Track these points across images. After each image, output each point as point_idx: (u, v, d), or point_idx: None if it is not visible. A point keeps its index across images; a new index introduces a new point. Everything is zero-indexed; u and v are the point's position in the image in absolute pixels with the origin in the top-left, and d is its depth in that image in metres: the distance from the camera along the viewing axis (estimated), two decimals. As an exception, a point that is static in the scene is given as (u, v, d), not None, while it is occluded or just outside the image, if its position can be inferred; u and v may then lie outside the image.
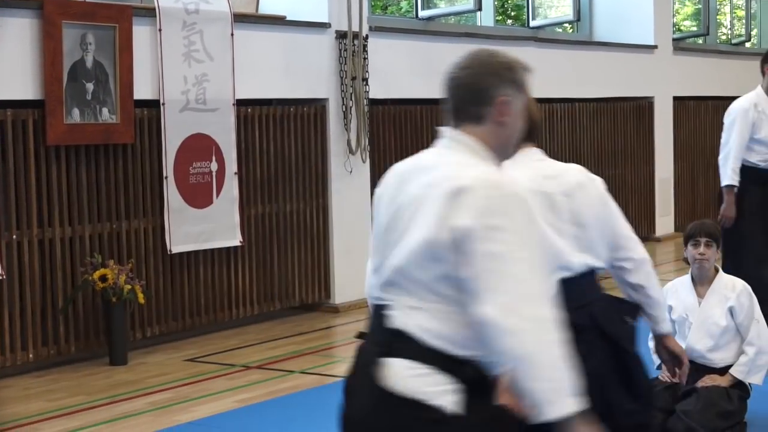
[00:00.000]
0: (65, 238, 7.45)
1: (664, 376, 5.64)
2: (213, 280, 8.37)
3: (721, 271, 5.72)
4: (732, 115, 7.56)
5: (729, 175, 7.46)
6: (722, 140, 7.60)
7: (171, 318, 8.11)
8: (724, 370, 5.56)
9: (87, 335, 7.56)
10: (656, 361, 5.81)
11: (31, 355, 7.28)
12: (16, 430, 5.99)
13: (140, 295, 7.48)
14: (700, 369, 5.59)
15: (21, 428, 6.02)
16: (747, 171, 7.49)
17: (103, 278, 7.34)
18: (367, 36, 9.31)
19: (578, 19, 12.58)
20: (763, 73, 7.58)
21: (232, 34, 8.28)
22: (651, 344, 5.86)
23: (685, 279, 5.76)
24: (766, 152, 7.56)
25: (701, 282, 5.69)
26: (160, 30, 7.82)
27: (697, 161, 14.21)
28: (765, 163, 7.56)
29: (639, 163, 13.12)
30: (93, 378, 7.15)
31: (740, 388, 5.53)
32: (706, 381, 5.51)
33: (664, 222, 13.53)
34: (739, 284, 5.63)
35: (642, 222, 13.13)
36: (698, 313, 5.62)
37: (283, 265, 8.89)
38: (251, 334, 8.39)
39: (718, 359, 5.60)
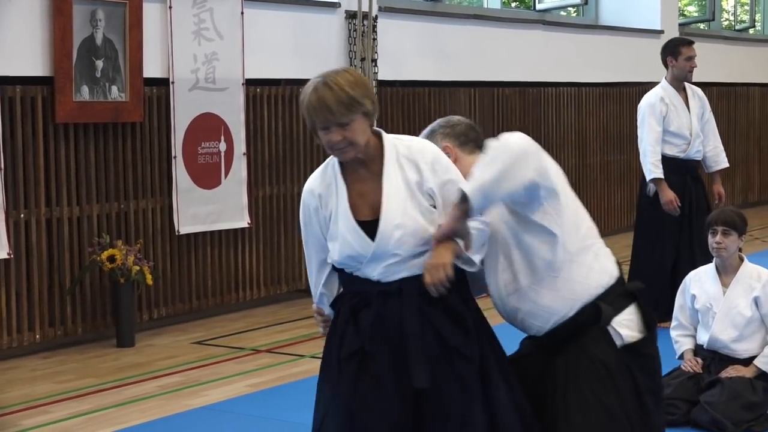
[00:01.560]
0: (73, 218, 7.34)
1: (686, 366, 5.57)
2: (220, 262, 8.27)
3: (746, 260, 5.64)
4: (641, 112, 7.66)
5: (651, 169, 7.53)
6: (639, 136, 7.71)
7: (178, 300, 8.01)
8: (748, 361, 5.49)
9: (94, 316, 7.46)
10: (678, 351, 5.75)
11: (37, 336, 7.17)
12: (26, 413, 5.88)
13: (148, 277, 7.38)
14: (723, 359, 5.53)
15: (31, 410, 5.92)
16: (666, 162, 7.55)
17: (111, 259, 7.24)
18: (376, 16, 9.20)
19: (585, 3, 12.46)
20: (666, 65, 7.81)
21: (242, 13, 8.16)
22: (673, 334, 5.81)
23: (709, 268, 5.68)
24: (682, 143, 7.64)
25: (725, 271, 5.61)
26: (170, 7, 7.69)
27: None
28: (683, 154, 7.64)
29: (644, 148, 13.01)
30: (101, 360, 7.05)
31: (765, 379, 5.45)
32: (730, 372, 5.44)
33: (668, 208, 13.44)
34: (765, 274, 5.55)
35: (646, 208, 13.04)
36: (722, 303, 5.54)
37: (290, 247, 8.79)
38: (258, 317, 8.30)
39: (742, 350, 5.52)
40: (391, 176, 3.34)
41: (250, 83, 8.31)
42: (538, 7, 12.39)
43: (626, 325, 3.45)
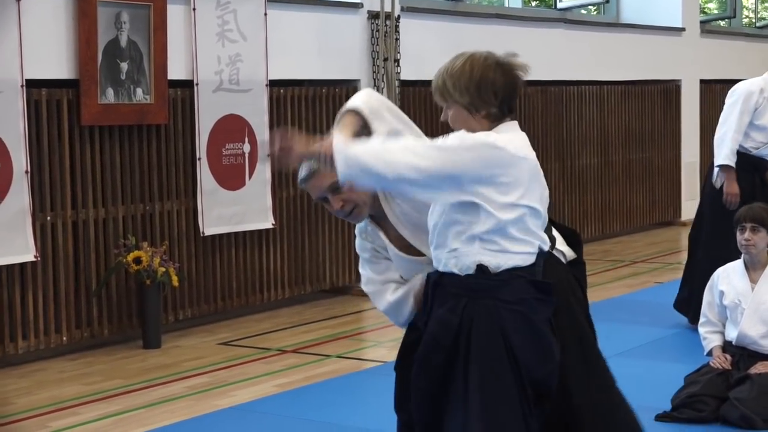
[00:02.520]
0: (98, 220, 7.37)
1: (715, 363, 5.55)
2: (245, 262, 8.28)
3: (774, 256, 5.62)
4: (735, 96, 7.36)
5: (726, 155, 7.21)
6: (720, 119, 7.42)
7: (203, 301, 8.03)
8: (777, 357, 5.48)
9: (120, 318, 7.49)
10: (706, 347, 5.73)
11: (64, 338, 7.20)
12: (55, 414, 5.91)
13: (174, 278, 7.40)
14: (752, 355, 5.52)
15: (60, 412, 5.95)
16: (738, 156, 7.25)
17: (138, 260, 7.26)
18: (399, 16, 9.20)
19: (607, 1, 12.44)
20: None
21: (265, 14, 8.17)
22: (701, 330, 5.79)
23: (738, 264, 5.67)
24: (762, 139, 7.33)
25: (754, 267, 5.60)
26: (194, 9, 7.71)
27: (723, 145, 14.05)
28: (757, 151, 7.34)
29: (666, 146, 13.00)
30: (128, 361, 7.07)
31: (794, 375, 5.43)
32: (759, 368, 5.42)
33: (690, 206, 13.38)
34: (794, 270, 5.53)
35: (668, 206, 13.03)
36: (751, 298, 5.53)
37: (314, 248, 8.80)
38: (283, 318, 8.31)
39: (771, 346, 5.51)
40: None
41: (273, 84, 8.33)
42: (559, 5, 12.38)
43: None
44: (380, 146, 3.29)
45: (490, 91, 3.37)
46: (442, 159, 3.25)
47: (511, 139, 3.37)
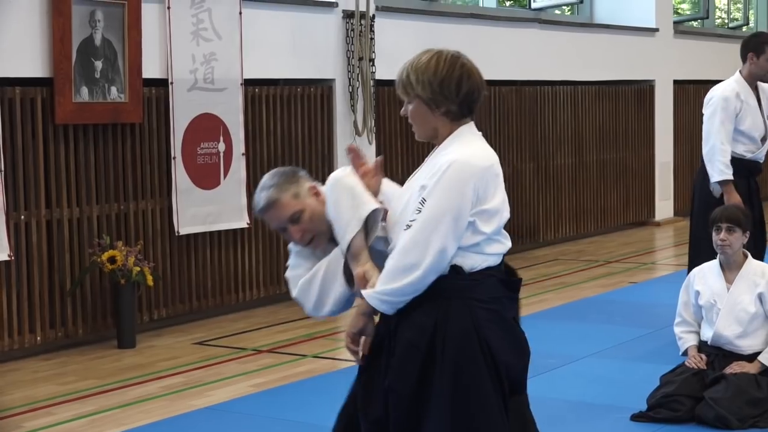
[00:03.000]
0: (73, 219, 7.33)
1: (691, 362, 5.58)
2: (220, 262, 8.26)
3: (750, 256, 5.65)
4: (712, 106, 7.11)
5: (720, 170, 6.94)
6: (704, 133, 7.17)
7: (178, 300, 8.00)
8: (752, 357, 5.50)
9: (94, 318, 7.45)
10: (682, 347, 5.76)
11: (38, 338, 7.16)
12: (30, 414, 5.87)
13: (149, 278, 7.36)
14: (728, 355, 5.54)
15: (35, 412, 5.91)
16: (732, 162, 6.98)
17: (112, 260, 7.22)
18: (374, 16, 9.20)
19: (581, 1, 12.48)
20: (744, 60, 7.14)
21: (240, 13, 8.15)
22: (677, 330, 5.82)
23: (713, 264, 5.69)
24: (751, 144, 7.11)
25: (729, 268, 5.63)
26: (168, 8, 7.68)
27: (696, 145, 14.07)
28: (751, 154, 7.12)
29: (640, 146, 13.05)
30: (102, 361, 7.03)
31: (768, 375, 5.47)
32: (734, 368, 5.44)
33: (664, 206, 13.48)
34: (769, 270, 5.57)
35: (642, 206, 13.08)
36: (727, 299, 5.56)
37: (289, 247, 8.77)
38: (259, 317, 8.28)
39: (746, 346, 5.54)
40: (421, 172, 3.44)
41: (248, 83, 8.31)
42: (533, 5, 12.41)
43: None
44: (393, 270, 3.31)
45: (453, 88, 3.36)
46: (420, 233, 3.27)
47: (472, 164, 3.33)
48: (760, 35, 7.58)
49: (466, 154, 3.32)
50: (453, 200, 3.27)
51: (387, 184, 3.67)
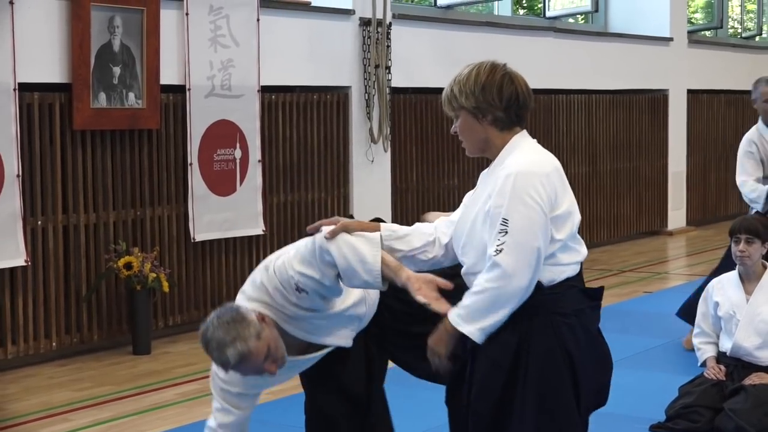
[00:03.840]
0: (89, 225, 7.33)
1: (710, 373, 5.56)
2: (235, 268, 8.25)
3: (769, 267, 5.63)
4: (741, 149, 7.22)
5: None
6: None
7: (193, 307, 8.00)
8: (771, 368, 5.49)
9: (110, 323, 7.45)
10: (700, 358, 5.74)
11: (54, 344, 7.16)
12: (46, 421, 5.87)
13: (165, 284, 7.36)
14: (747, 366, 5.53)
15: (51, 418, 5.91)
16: None
17: (128, 266, 7.22)
18: (390, 23, 9.20)
19: (596, 10, 12.47)
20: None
21: (257, 20, 8.15)
22: (695, 341, 5.80)
23: (732, 275, 5.68)
24: None
25: (749, 279, 5.61)
26: (187, 14, 7.69)
27: (709, 155, 14.13)
28: None
29: (653, 156, 13.03)
30: (118, 367, 7.03)
31: (788, 386, 5.44)
32: (754, 379, 5.43)
33: (677, 216, 13.46)
34: (789, 281, 5.55)
35: (655, 215, 13.06)
36: (746, 310, 5.54)
37: (304, 254, 8.76)
38: (273, 324, 8.26)
39: (766, 357, 5.52)
40: (484, 185, 3.39)
41: (265, 90, 8.31)
42: (548, 14, 12.40)
43: None
44: (496, 298, 3.24)
45: (494, 93, 3.32)
46: (514, 253, 3.22)
47: (536, 172, 3.28)
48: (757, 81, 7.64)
49: (525, 163, 3.28)
50: (533, 213, 3.22)
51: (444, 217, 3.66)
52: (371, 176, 9.20)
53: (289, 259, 3.66)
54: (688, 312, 6.92)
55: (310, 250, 3.56)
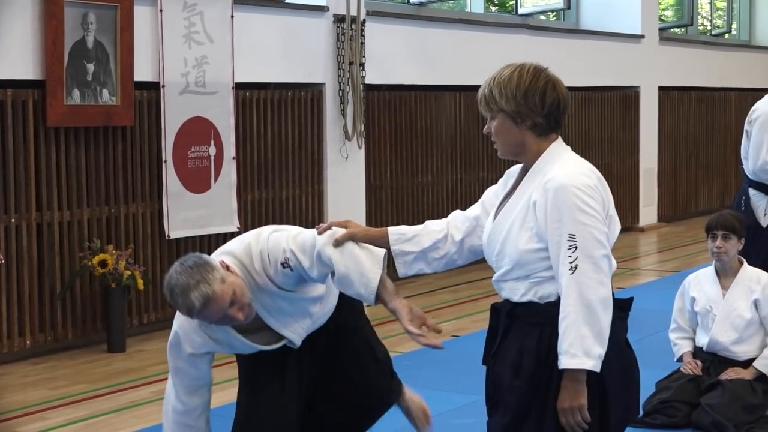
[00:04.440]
0: (63, 222, 7.29)
1: (686, 368, 5.59)
2: (210, 266, 8.21)
3: (745, 263, 5.66)
4: (760, 118, 6.47)
5: None
6: (753, 143, 6.49)
7: (168, 305, 7.92)
8: (747, 363, 5.52)
9: (84, 322, 7.41)
10: (677, 353, 5.77)
11: (28, 342, 7.11)
12: (23, 419, 5.83)
13: (140, 281, 7.33)
14: (723, 362, 5.56)
15: (27, 417, 5.87)
16: None
17: (103, 263, 7.19)
18: (364, 20, 9.19)
19: (568, 7, 12.50)
20: None
21: (232, 16, 8.13)
22: (672, 336, 5.83)
23: (709, 271, 5.70)
24: None
25: (725, 274, 5.64)
26: (161, 10, 7.65)
27: (680, 152, 14.21)
28: None
29: (624, 152, 13.09)
30: (92, 365, 7.00)
31: (764, 381, 5.48)
32: (730, 374, 5.46)
33: (648, 212, 13.53)
34: (765, 277, 5.58)
35: (626, 212, 13.11)
36: (722, 305, 5.56)
37: (279, 251, 8.75)
38: (248, 322, 8.24)
39: (742, 352, 5.55)
40: (522, 192, 3.32)
41: (239, 87, 8.28)
42: (520, 11, 12.43)
43: None
44: (582, 319, 3.15)
45: (537, 99, 3.26)
46: (591, 264, 3.17)
47: (585, 183, 3.23)
48: None
49: (574, 174, 3.22)
50: (596, 223, 3.18)
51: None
52: (345, 173, 9.20)
53: (288, 236, 3.71)
54: None
55: (311, 244, 3.60)
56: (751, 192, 6.58)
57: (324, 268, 3.61)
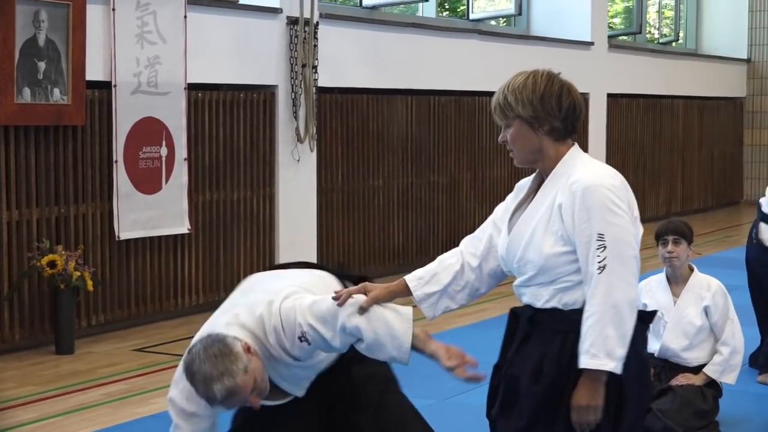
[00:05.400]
0: (12, 222, 7.20)
1: (637, 374, 5.63)
2: (160, 268, 8.17)
3: (696, 270, 5.71)
4: None
5: None
6: None
7: (117, 306, 7.89)
8: (697, 369, 5.57)
9: (32, 323, 7.32)
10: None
11: (-26, 343, 7.03)
12: (-31, 422, 5.76)
13: (89, 283, 7.26)
14: (674, 368, 5.60)
15: (-26, 419, 5.80)
16: None
17: (52, 264, 7.11)
18: (317, 23, 9.17)
19: (519, 14, 12.57)
20: None
21: (185, 17, 8.07)
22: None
23: (660, 277, 5.75)
24: None
25: (676, 281, 5.68)
26: (113, 9, 7.59)
27: (627, 158, 14.33)
28: None
29: (573, 158, 13.14)
30: (40, 367, 6.92)
31: (714, 387, 5.53)
32: (680, 380, 5.51)
33: (595, 218, 13.59)
34: (714, 284, 5.64)
35: (575, 217, 13.17)
36: (673, 312, 5.61)
37: (229, 253, 8.72)
38: (198, 324, 7.98)
39: (692, 358, 5.60)
40: (542, 197, 3.29)
41: (191, 88, 8.23)
42: (471, 17, 12.47)
43: None
44: (608, 319, 3.13)
45: (554, 103, 3.26)
46: (620, 264, 3.15)
47: (611, 183, 3.23)
48: None
49: (599, 175, 3.21)
50: (624, 223, 3.18)
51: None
52: (297, 176, 9.17)
53: (302, 306, 3.51)
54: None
55: (332, 314, 3.45)
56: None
57: (348, 339, 3.46)
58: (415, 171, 10.58)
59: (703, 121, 16.22)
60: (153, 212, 7.95)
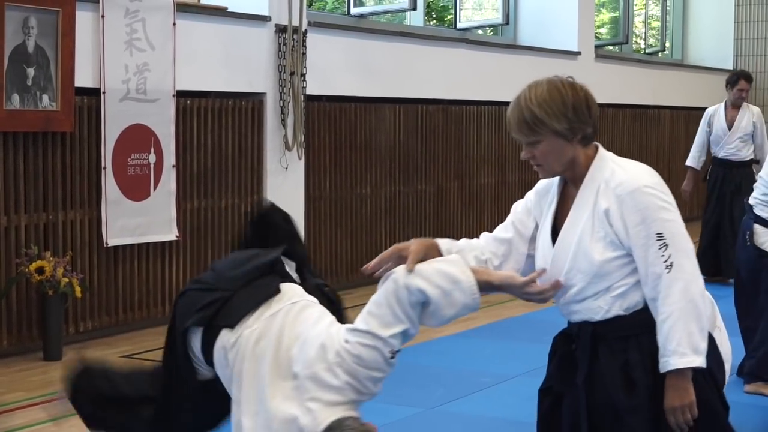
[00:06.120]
0: (0, 228, 7.20)
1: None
2: (148, 275, 8.17)
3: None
4: None
5: None
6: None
7: (104, 313, 7.89)
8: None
9: (20, 329, 7.32)
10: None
11: (-38, 349, 7.02)
12: (-43, 428, 5.75)
13: (77, 289, 7.26)
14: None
15: (-38, 425, 5.79)
16: None
17: (40, 270, 7.11)
18: (306, 31, 9.20)
19: (507, 23, 12.61)
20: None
21: (174, 24, 8.09)
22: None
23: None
24: None
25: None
26: (102, 16, 7.60)
27: (614, 168, 14.35)
28: None
29: (560, 168, 13.18)
30: (28, 373, 6.91)
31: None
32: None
33: (582, 227, 13.64)
34: (702, 292, 5.66)
35: (561, 226, 13.22)
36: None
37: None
38: (185, 331, 8.18)
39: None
40: (582, 203, 3.27)
41: (180, 95, 8.25)
42: (459, 26, 12.51)
43: None
44: (688, 315, 3.14)
45: (585, 110, 3.24)
46: (686, 259, 3.17)
47: (654, 181, 3.24)
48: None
49: (641, 174, 3.23)
50: (677, 217, 3.20)
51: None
52: (285, 183, 9.19)
53: (360, 336, 3.23)
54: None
55: (395, 300, 3.22)
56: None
57: (415, 311, 3.22)
58: (402, 179, 10.60)
59: (689, 132, 16.24)
60: (141, 219, 7.95)
